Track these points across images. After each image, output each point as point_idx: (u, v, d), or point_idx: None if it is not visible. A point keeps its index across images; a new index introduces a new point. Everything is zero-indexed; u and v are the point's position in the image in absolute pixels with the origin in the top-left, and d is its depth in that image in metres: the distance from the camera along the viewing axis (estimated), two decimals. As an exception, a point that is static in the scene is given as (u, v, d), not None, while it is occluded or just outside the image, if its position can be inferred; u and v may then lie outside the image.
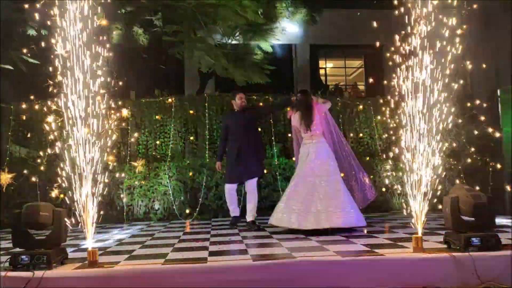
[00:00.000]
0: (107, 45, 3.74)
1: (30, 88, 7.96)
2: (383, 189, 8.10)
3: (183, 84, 13.15)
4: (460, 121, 7.32)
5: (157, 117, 8.40)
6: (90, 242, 3.50)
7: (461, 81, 4.06)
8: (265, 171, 6.97)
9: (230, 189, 6.17)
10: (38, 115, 8.19)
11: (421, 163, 3.59)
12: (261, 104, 8.27)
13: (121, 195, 7.52)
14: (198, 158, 8.15)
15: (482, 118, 7.46)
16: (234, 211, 6.20)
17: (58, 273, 3.27)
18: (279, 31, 9.20)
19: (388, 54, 3.81)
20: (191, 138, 8.43)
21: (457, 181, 6.93)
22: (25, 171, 7.48)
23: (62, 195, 7.25)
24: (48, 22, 3.67)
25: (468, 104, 7.63)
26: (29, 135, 8.08)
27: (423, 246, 3.61)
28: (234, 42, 9.84)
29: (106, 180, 3.64)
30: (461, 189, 3.79)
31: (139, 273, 3.29)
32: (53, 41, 3.63)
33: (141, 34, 8.96)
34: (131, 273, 3.28)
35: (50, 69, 3.67)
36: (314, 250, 4.00)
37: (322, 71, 15.40)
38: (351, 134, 8.73)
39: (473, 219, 3.69)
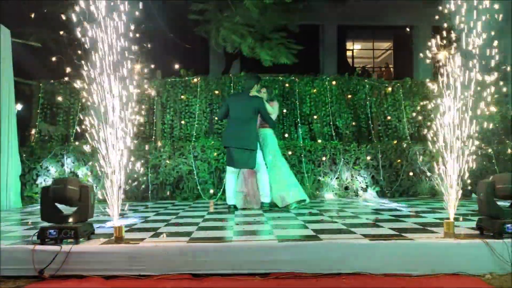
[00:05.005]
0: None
1: (59, 67, 8.03)
2: (411, 173, 7.92)
3: (208, 65, 13.13)
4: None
5: (182, 97, 8.40)
6: (116, 219, 3.53)
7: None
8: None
9: None
10: (67, 93, 8.30)
11: (457, 143, 3.44)
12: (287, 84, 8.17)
13: (147, 174, 7.58)
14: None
15: None
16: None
17: (85, 247, 3.30)
18: (306, 10, 8.97)
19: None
20: (216, 118, 8.41)
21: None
22: (53, 149, 7.61)
23: (88, 173, 7.37)
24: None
25: (504, 89, 7.30)
26: (57, 113, 8.20)
27: (454, 231, 3.49)
28: (260, 21, 9.69)
29: (132, 159, 3.63)
30: (496, 175, 3.63)
31: (164, 249, 3.30)
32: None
33: None
34: (156, 249, 3.29)
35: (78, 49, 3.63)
36: (340, 232, 3.93)
37: (349, 53, 15.11)
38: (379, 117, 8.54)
39: (508, 205, 3.55)
